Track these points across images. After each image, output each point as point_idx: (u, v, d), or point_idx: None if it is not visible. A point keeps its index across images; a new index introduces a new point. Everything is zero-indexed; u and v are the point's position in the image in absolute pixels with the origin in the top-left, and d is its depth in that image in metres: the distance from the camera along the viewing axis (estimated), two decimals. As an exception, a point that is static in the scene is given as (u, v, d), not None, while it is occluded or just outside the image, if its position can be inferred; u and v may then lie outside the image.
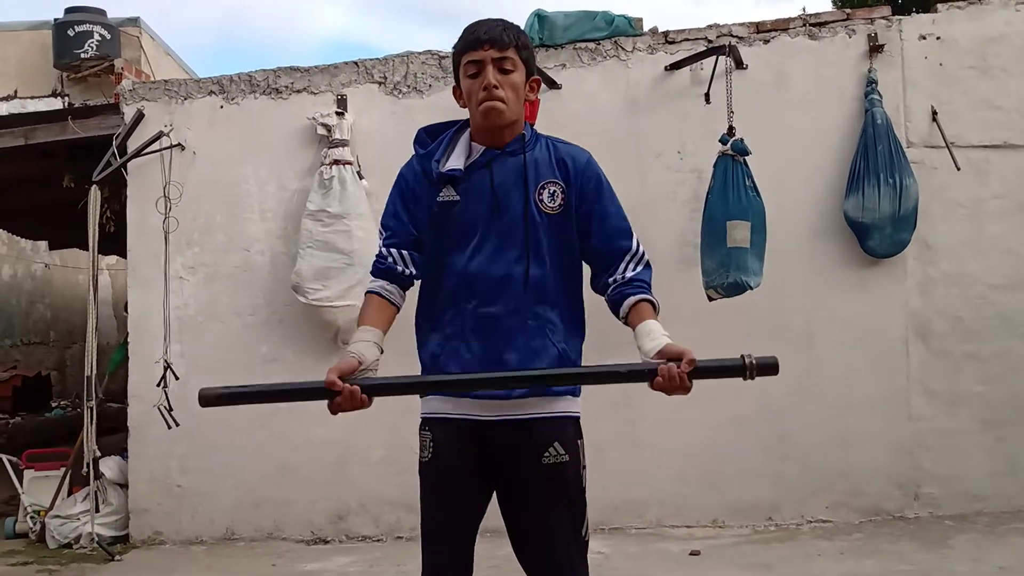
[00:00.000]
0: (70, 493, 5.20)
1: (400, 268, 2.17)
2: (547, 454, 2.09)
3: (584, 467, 2.17)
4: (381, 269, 2.19)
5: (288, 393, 2.27)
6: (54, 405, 9.94)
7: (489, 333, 2.09)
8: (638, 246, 2.19)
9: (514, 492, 2.14)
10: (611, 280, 2.16)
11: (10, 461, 5.49)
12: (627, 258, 2.17)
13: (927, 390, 4.77)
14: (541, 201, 2.14)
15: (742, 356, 1.99)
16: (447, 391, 2.15)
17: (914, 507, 4.75)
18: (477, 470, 2.14)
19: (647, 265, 2.19)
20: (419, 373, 2.22)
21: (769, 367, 1.98)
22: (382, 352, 2.08)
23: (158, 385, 4.77)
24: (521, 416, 2.10)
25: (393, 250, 2.18)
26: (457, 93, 2.22)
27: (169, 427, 4.71)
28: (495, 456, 2.12)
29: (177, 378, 4.81)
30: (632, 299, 2.12)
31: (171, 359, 4.89)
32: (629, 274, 2.16)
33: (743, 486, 4.77)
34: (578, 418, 2.19)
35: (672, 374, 1.95)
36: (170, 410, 4.71)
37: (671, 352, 1.99)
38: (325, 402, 1.96)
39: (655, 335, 2.05)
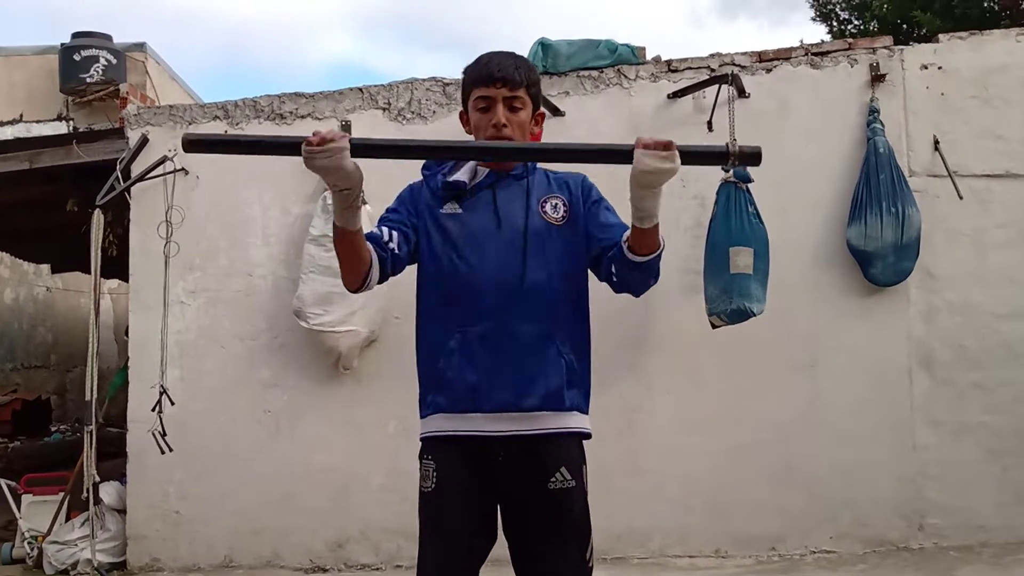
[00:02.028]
0: (68, 518, 5.16)
1: (386, 240, 2.14)
2: (553, 479, 2.08)
3: (586, 492, 2.15)
4: (367, 235, 2.14)
5: (270, 145, 2.13)
6: (53, 429, 9.89)
7: (495, 344, 2.08)
8: None
9: (519, 516, 2.12)
10: (613, 246, 2.11)
11: (8, 486, 5.46)
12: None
13: (931, 419, 4.74)
14: (544, 213, 2.17)
15: (726, 143, 1.96)
16: (447, 158, 2.14)
17: (919, 538, 4.71)
18: (481, 500, 2.12)
19: None
20: (418, 396, 2.21)
21: (752, 156, 1.92)
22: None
23: (153, 410, 4.75)
24: (530, 432, 2.08)
25: (384, 227, 2.17)
26: (464, 119, 2.25)
27: (163, 452, 4.68)
28: (500, 479, 2.10)
29: (172, 403, 4.79)
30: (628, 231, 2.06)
31: (171, 383, 4.88)
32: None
33: (746, 516, 4.73)
34: (586, 435, 2.18)
35: (650, 138, 1.87)
36: (164, 435, 4.68)
37: None
38: (325, 430, 1.94)
39: None
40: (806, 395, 4.74)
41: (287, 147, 1.97)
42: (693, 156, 1.93)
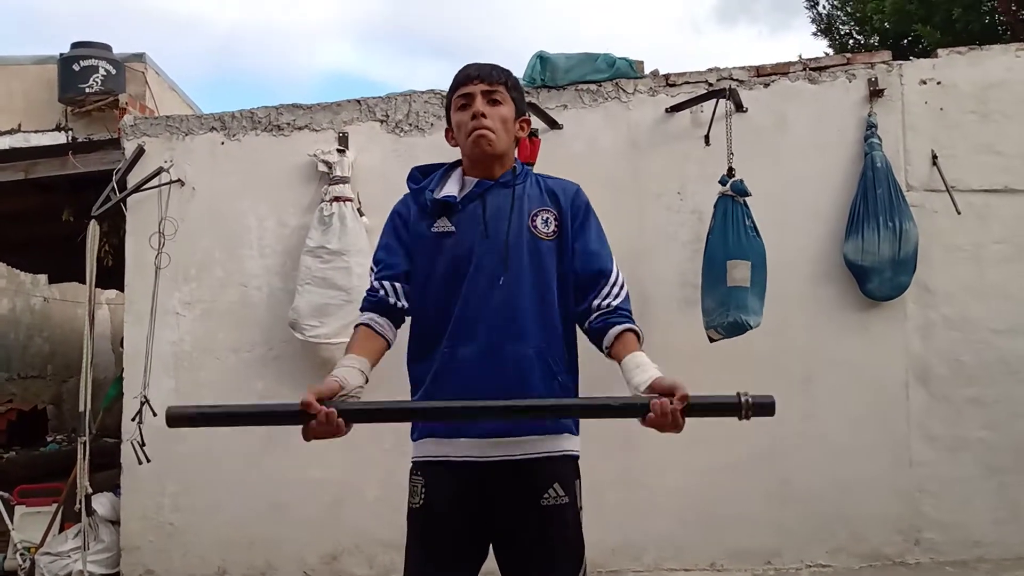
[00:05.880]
0: (62, 529, 5.14)
1: (392, 300, 2.15)
2: (546, 496, 2.06)
3: (581, 508, 2.13)
4: (372, 302, 2.16)
5: (260, 415, 2.13)
6: (49, 440, 9.85)
7: (485, 365, 2.05)
8: (617, 272, 2.17)
9: (512, 536, 2.08)
10: (594, 306, 2.11)
11: (1, 497, 5.42)
12: (608, 282, 2.13)
13: (928, 435, 4.72)
14: (535, 227, 2.13)
15: (738, 394, 1.89)
16: (435, 421, 2.07)
17: (915, 552, 4.69)
18: (471, 523, 2.08)
19: (627, 292, 2.16)
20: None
21: (765, 407, 1.88)
22: (367, 381, 2.02)
23: (132, 420, 4.73)
24: (521, 456, 2.06)
25: (385, 282, 2.16)
26: (449, 134, 2.25)
27: (140, 463, 4.67)
28: (493, 501, 2.07)
29: (155, 414, 4.75)
30: (617, 328, 2.07)
31: (165, 394, 4.86)
32: (613, 302, 2.11)
33: (742, 530, 4.71)
34: (577, 457, 2.16)
35: (665, 410, 1.85)
36: (143, 445, 4.67)
37: (663, 386, 1.90)
38: (319, 443, 1.92)
39: (645, 367, 1.98)
40: (802, 409, 4.72)
41: (279, 417, 1.99)
42: (706, 409, 1.92)
